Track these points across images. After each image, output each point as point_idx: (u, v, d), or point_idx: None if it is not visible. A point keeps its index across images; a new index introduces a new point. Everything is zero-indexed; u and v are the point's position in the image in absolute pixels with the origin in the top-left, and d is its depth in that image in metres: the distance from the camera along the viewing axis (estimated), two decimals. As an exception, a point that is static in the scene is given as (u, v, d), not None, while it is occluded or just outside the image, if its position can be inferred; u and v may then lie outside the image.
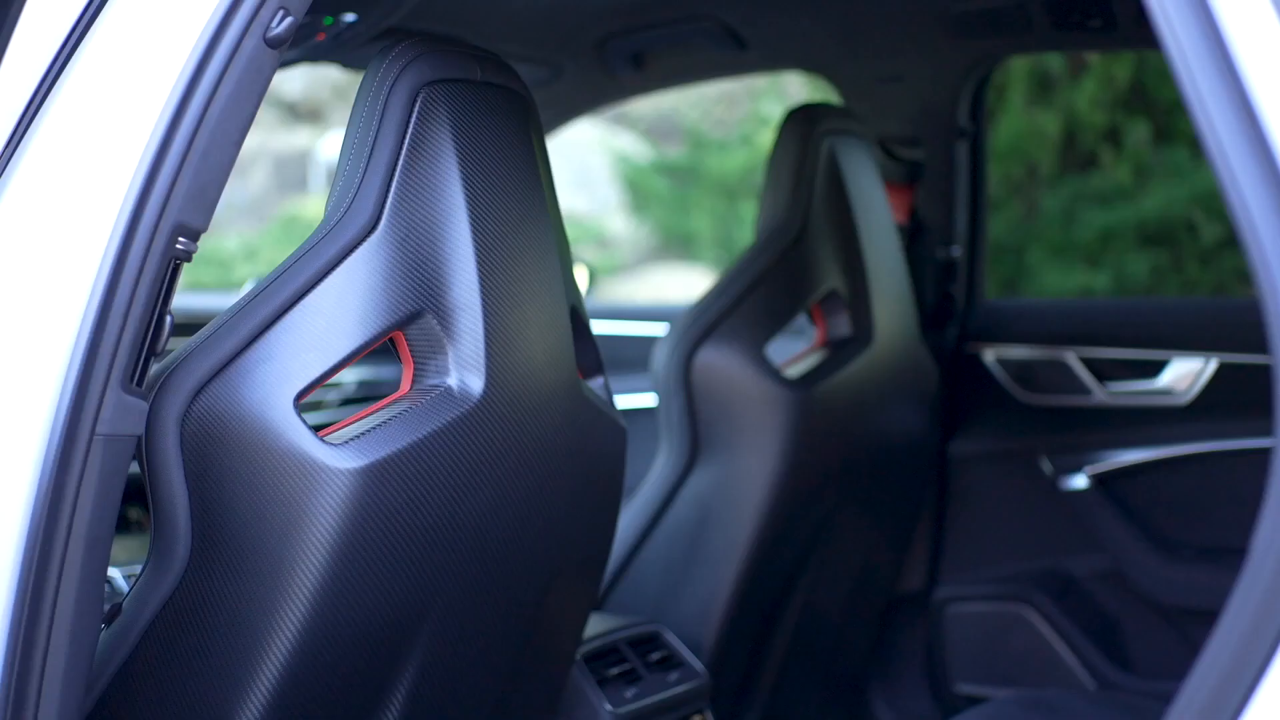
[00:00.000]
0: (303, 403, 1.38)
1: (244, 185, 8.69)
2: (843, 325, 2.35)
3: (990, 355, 2.77)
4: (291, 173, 8.77)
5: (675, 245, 8.33)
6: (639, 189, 8.48)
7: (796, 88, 7.52)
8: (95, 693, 1.42)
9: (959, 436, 2.74)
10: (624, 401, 3.12)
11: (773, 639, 2.40)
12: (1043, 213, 6.66)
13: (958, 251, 2.80)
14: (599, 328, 3.21)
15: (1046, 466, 2.69)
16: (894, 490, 2.55)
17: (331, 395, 2.54)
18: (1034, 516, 2.70)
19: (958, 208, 2.78)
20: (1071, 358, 2.68)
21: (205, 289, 6.71)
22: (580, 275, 3.48)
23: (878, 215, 2.42)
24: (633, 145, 8.84)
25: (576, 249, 7.86)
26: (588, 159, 8.58)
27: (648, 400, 2.90)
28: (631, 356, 3.07)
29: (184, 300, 2.90)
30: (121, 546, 1.59)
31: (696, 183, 8.28)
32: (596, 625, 2.14)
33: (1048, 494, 2.68)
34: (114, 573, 1.82)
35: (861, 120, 2.51)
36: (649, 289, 8.01)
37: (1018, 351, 2.73)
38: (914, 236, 2.76)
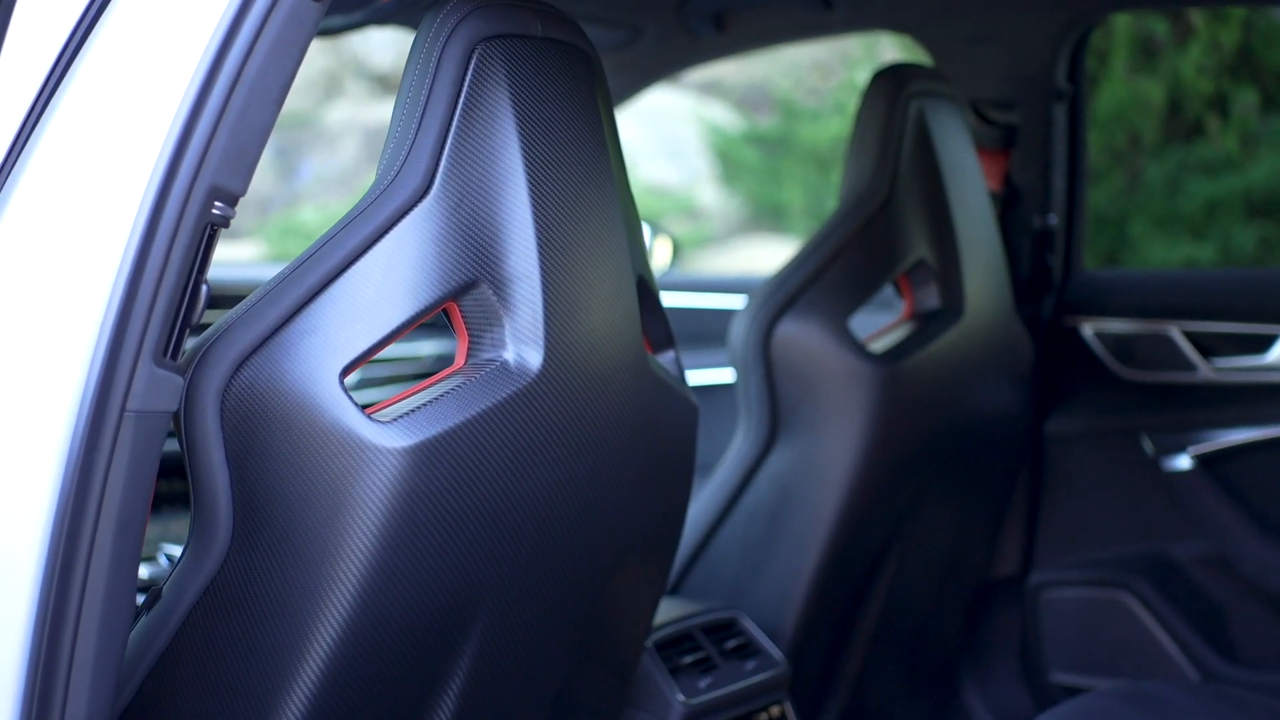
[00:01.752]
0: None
1: (334, 157, 8.76)
2: (931, 297, 2.30)
3: (1089, 329, 2.72)
4: (381, 145, 8.80)
5: (766, 217, 8.33)
6: (730, 160, 8.49)
7: (891, 55, 7.45)
8: (135, 681, 1.39)
9: (1055, 414, 2.70)
10: (705, 377, 3.09)
11: (857, 626, 2.36)
12: (1146, 183, 6.62)
13: (1054, 220, 2.74)
14: (681, 300, 3.37)
15: (1148, 446, 2.63)
16: (986, 471, 2.50)
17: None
18: (1134, 499, 2.66)
19: (1055, 174, 2.72)
20: (1175, 332, 2.63)
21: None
22: (664, 247, 3.50)
23: (969, 181, 2.36)
24: (723, 115, 8.84)
25: (665, 221, 8.01)
26: (678, 130, 8.60)
27: (728, 376, 2.86)
28: (715, 330, 3.03)
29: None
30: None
31: (788, 153, 8.26)
32: (670, 611, 2.10)
33: (1149, 475, 2.63)
34: (174, 549, 1.79)
35: (952, 82, 2.45)
36: (739, 261, 8.02)
37: (1118, 325, 2.68)
38: (1008, 204, 2.71)
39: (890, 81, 2.24)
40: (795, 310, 2.15)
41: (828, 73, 8.46)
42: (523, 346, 1.40)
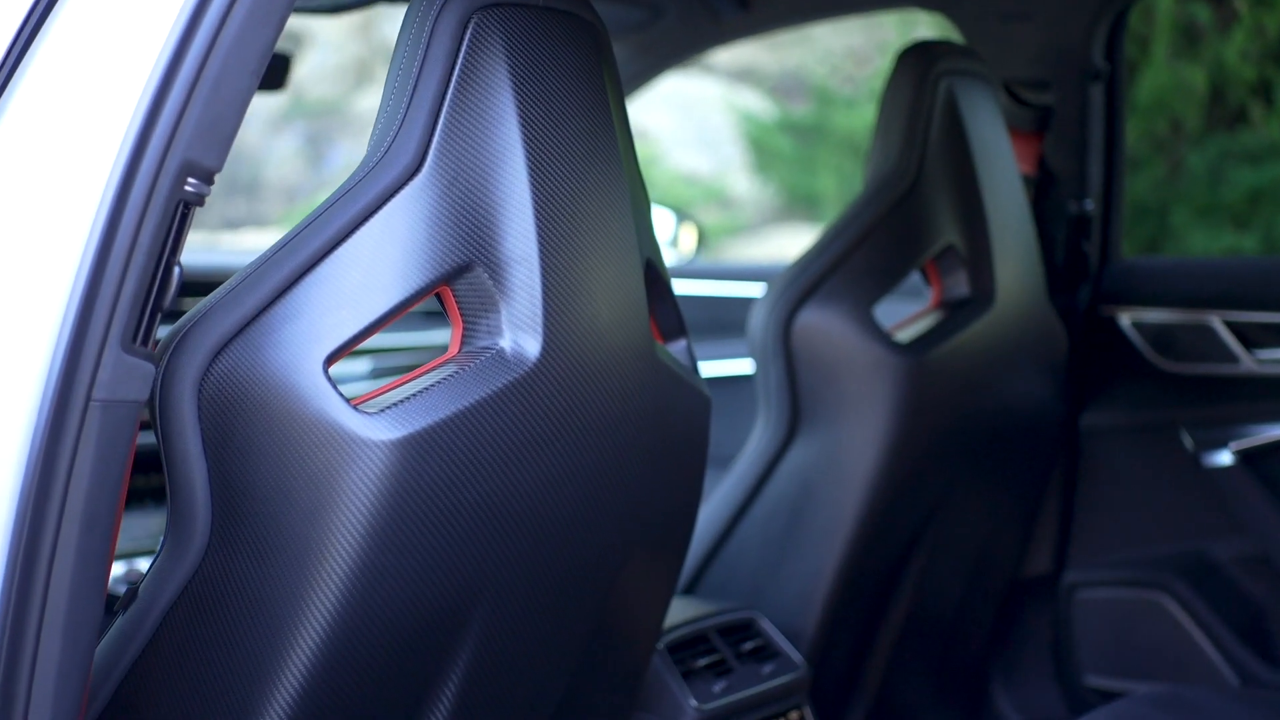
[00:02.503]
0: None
1: (364, 146, 8.78)
2: (960, 284, 2.25)
3: (1126, 319, 2.68)
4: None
5: (800, 205, 8.36)
6: (763, 148, 8.52)
7: (929, 41, 7.47)
8: (111, 684, 1.35)
9: (1091, 408, 2.66)
10: (727, 368, 3.07)
11: (881, 627, 2.32)
12: (1188, 171, 6.60)
13: (1091, 205, 2.70)
14: (705, 288, 3.34)
15: (1187, 441, 2.59)
16: (1017, 465, 2.46)
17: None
18: (1173, 495, 2.62)
19: (1091, 157, 2.68)
20: (1216, 322, 2.58)
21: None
22: (689, 234, 3.46)
23: (1001, 164, 2.31)
24: (757, 103, 8.88)
25: (696, 209, 8.06)
26: (710, 118, 8.65)
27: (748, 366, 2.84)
28: (739, 319, 2.98)
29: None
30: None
31: (822, 141, 8.29)
32: (684, 611, 2.06)
33: (1188, 471, 2.59)
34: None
35: (985, 61, 2.39)
36: (771, 250, 8.06)
37: (1157, 315, 2.65)
38: (1042, 188, 2.67)
39: (919, 58, 2.20)
40: (817, 298, 2.12)
41: (863, 60, 8.51)
42: (520, 333, 1.36)
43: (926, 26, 6.96)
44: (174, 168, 1.22)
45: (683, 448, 1.61)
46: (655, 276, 1.58)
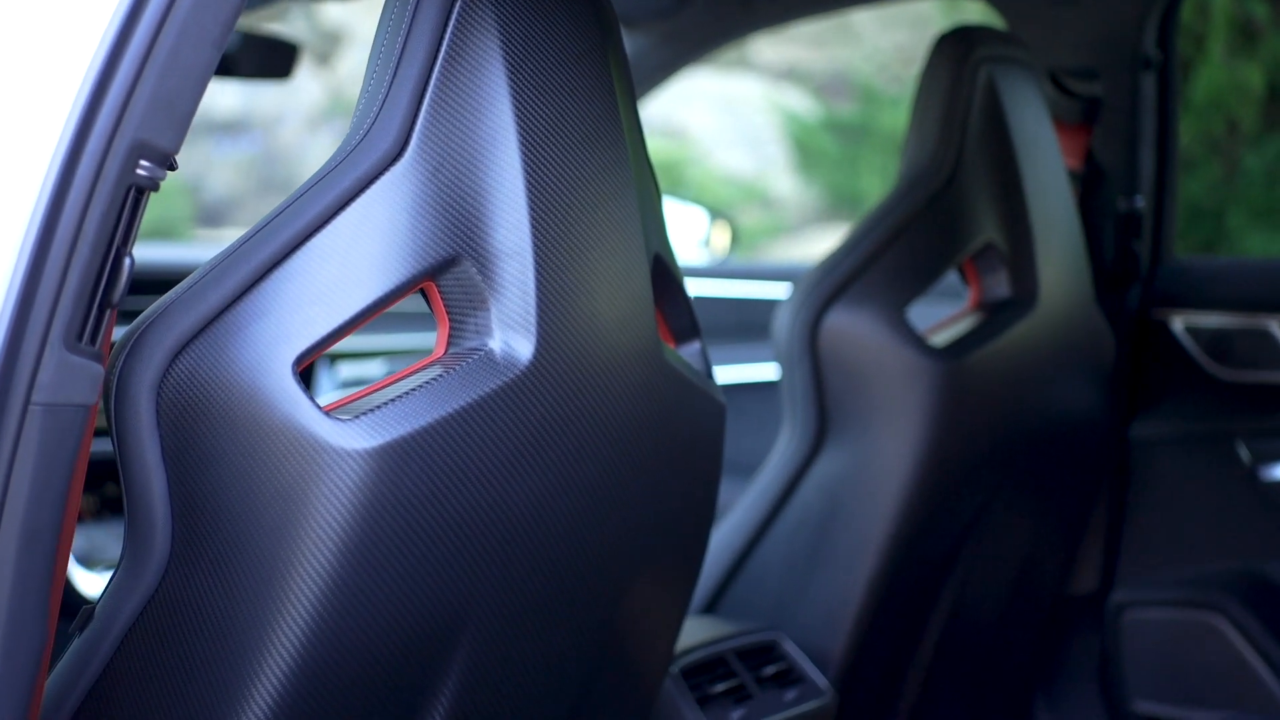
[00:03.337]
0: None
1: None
2: (1001, 285, 2.19)
3: (1179, 323, 2.62)
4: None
5: (843, 206, 8.41)
6: (807, 148, 8.57)
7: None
8: (65, 712, 1.29)
9: (1142, 417, 2.61)
10: (759, 372, 3.03)
11: (915, 649, 2.26)
12: (1245, 172, 6.59)
13: (1141, 202, 2.64)
14: (736, 290, 3.28)
15: (1244, 453, 2.54)
16: (1062, 478, 2.40)
17: None
18: (1228, 510, 2.57)
19: (1142, 151, 2.62)
20: (1276, 327, 2.54)
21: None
22: (722, 233, 3.42)
23: (1046, 158, 2.25)
24: (801, 103, 8.93)
25: (738, 209, 8.13)
26: (753, 117, 8.72)
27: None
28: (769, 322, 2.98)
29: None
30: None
31: (867, 141, 8.35)
32: (701, 632, 1.99)
33: (1245, 485, 2.54)
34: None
35: (1029, 49, 2.33)
36: (813, 251, 8.15)
37: (1212, 319, 2.59)
38: (1090, 185, 2.61)
39: (957, 44, 2.13)
40: (846, 298, 2.06)
41: (911, 59, 8.57)
42: (511, 333, 1.30)
43: (974, 18, 7.00)
44: (124, 149, 1.14)
45: (693, 458, 1.55)
46: (665, 273, 1.51)
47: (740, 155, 8.54)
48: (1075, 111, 2.59)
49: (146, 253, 2.84)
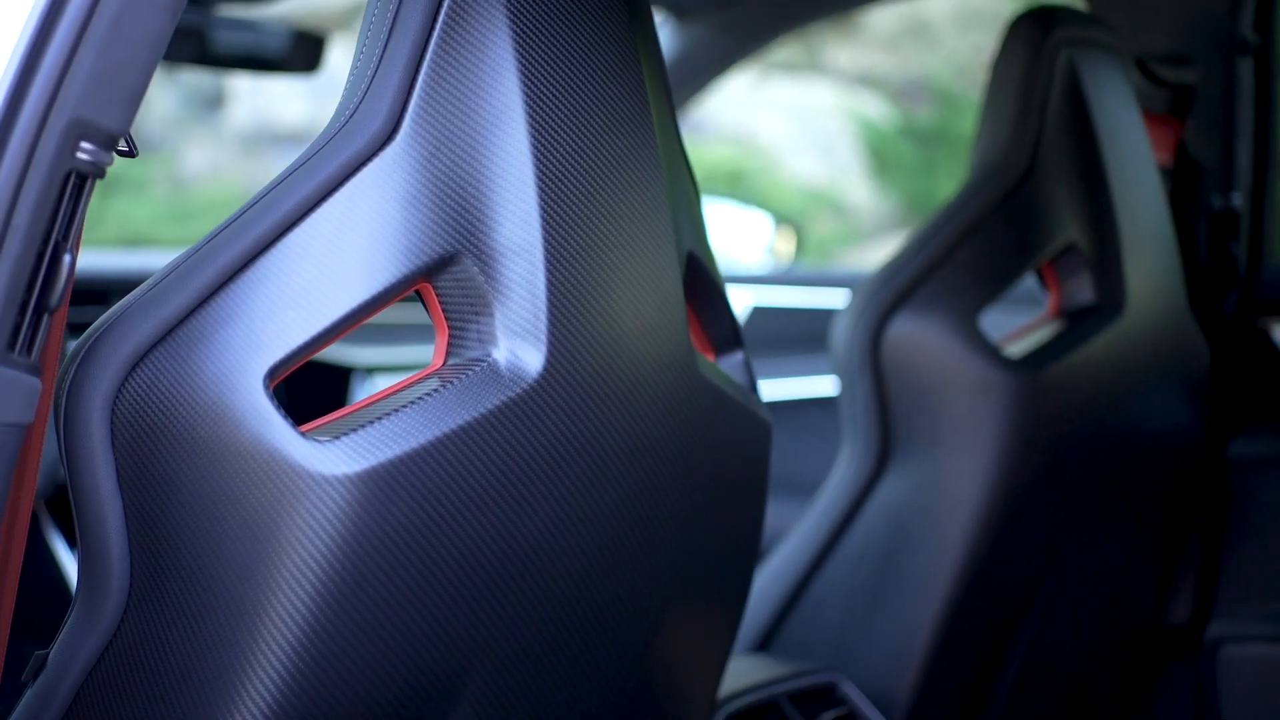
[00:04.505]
0: None
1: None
2: (1084, 289, 2.12)
3: None
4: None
5: (920, 213, 8.51)
6: (882, 155, 8.64)
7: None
8: None
9: (1240, 435, 2.51)
10: (819, 387, 3.00)
11: (990, 692, 2.17)
12: None
13: (1238, 199, 2.55)
14: (800, 299, 3.22)
15: None
16: (1152, 501, 2.32)
17: None
18: None
19: (1239, 144, 2.55)
20: None
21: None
22: (787, 239, 3.39)
23: (1133, 151, 2.18)
24: (876, 109, 9.00)
25: (810, 217, 8.23)
26: (827, 124, 8.77)
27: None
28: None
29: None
30: None
31: (945, 146, 8.41)
32: (753, 673, 1.92)
33: None
34: None
35: (1114, 31, 2.26)
36: None
37: None
38: (1181, 180, 2.53)
39: (1034, 26, 2.06)
40: (911, 305, 2.01)
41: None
42: (518, 341, 1.22)
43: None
44: (60, 128, 1.06)
45: (733, 483, 1.47)
46: (701, 275, 1.43)
47: (813, 163, 8.63)
48: (1165, 101, 2.54)
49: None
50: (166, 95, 8.28)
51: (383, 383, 2.53)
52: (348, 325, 1.15)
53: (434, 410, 1.17)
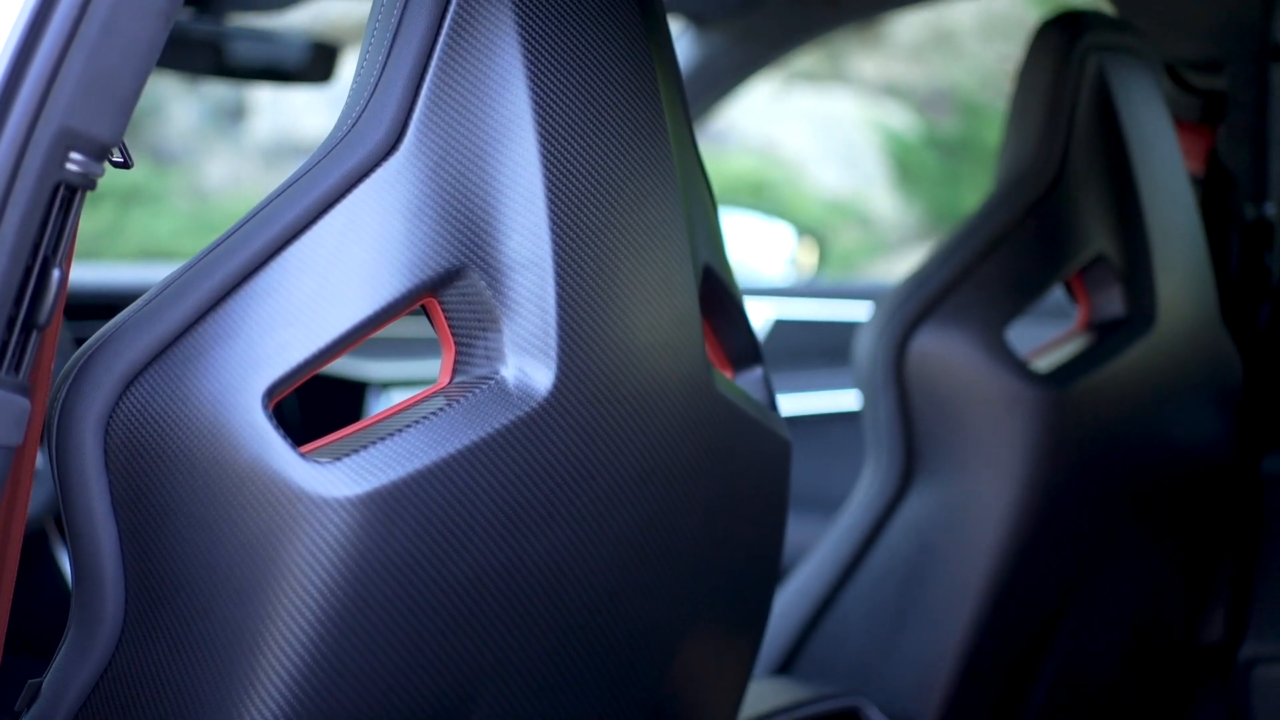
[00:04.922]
0: None
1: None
2: (1114, 302, 2.10)
3: None
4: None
5: (946, 224, 8.55)
6: (906, 165, 8.68)
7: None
8: None
9: (1276, 450, 2.47)
10: (843, 402, 2.98)
11: (1018, 713, 2.14)
12: None
13: (1272, 210, 2.51)
14: (823, 311, 3.19)
15: None
16: (1184, 518, 2.28)
17: None
18: None
19: (1272, 153, 2.51)
20: None
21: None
22: (810, 250, 3.39)
23: (1164, 159, 2.15)
24: (900, 119, 9.04)
25: (834, 228, 8.27)
26: (851, 135, 8.80)
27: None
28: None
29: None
30: None
31: (971, 157, 8.43)
32: (774, 697, 1.89)
33: None
34: None
35: (1144, 36, 2.23)
36: None
37: None
38: (1213, 190, 2.49)
39: (1062, 31, 2.03)
40: (936, 318, 1.98)
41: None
42: (527, 358, 1.20)
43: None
44: (48, 138, 1.04)
45: (751, 503, 1.45)
46: (718, 288, 1.41)
47: (837, 174, 8.69)
48: (1197, 109, 2.51)
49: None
50: (188, 107, 8.31)
51: (398, 398, 2.53)
52: (349, 342, 1.13)
53: (439, 430, 1.15)
